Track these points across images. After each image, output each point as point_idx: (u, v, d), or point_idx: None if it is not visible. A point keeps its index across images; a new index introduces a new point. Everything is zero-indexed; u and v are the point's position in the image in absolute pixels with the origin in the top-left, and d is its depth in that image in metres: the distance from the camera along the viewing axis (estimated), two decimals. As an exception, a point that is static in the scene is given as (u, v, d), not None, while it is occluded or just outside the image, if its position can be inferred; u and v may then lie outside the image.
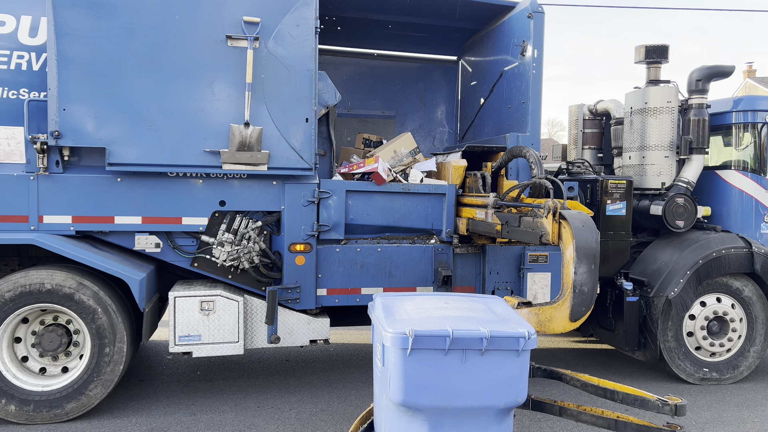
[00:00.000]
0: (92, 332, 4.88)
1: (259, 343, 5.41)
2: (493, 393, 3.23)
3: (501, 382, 3.23)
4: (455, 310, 3.60)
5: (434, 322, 3.31)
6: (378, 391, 3.58)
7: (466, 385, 3.20)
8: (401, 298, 3.90)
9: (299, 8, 5.10)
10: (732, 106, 6.53)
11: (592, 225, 4.15)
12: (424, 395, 3.17)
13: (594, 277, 4.06)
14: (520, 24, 6.15)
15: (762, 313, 6.21)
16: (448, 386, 3.18)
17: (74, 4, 4.72)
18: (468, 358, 3.17)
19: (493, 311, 3.64)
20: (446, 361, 3.16)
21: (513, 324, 3.37)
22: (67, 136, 4.78)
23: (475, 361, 3.18)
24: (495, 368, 3.21)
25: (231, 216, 5.31)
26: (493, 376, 3.21)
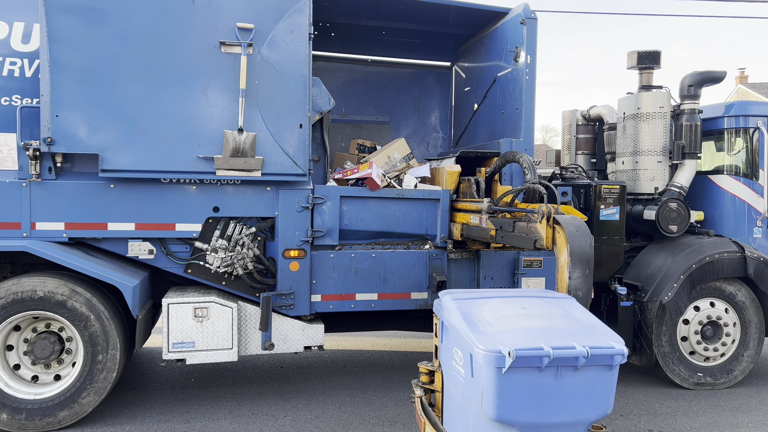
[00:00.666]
0: (85, 339, 4.85)
1: (253, 350, 5.39)
2: (584, 407, 3.23)
3: (593, 396, 3.22)
4: (537, 318, 3.50)
5: (525, 336, 3.23)
6: (462, 398, 3.53)
7: (560, 401, 3.18)
8: (476, 303, 3.70)
9: (293, 14, 5.10)
10: (724, 112, 6.57)
11: (586, 230, 4.18)
12: (518, 412, 3.16)
13: (588, 281, 4.07)
14: (513, 30, 6.18)
15: (755, 317, 6.23)
16: (541, 403, 3.16)
17: (67, 11, 4.71)
18: (562, 374, 3.16)
19: (574, 317, 3.56)
20: (541, 378, 3.13)
21: (601, 335, 3.33)
22: (60, 142, 4.76)
23: (569, 377, 3.17)
24: (588, 383, 3.20)
25: (225, 222, 5.30)
26: (585, 391, 3.20)
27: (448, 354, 3.73)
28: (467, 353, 3.32)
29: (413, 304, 5.73)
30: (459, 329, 3.42)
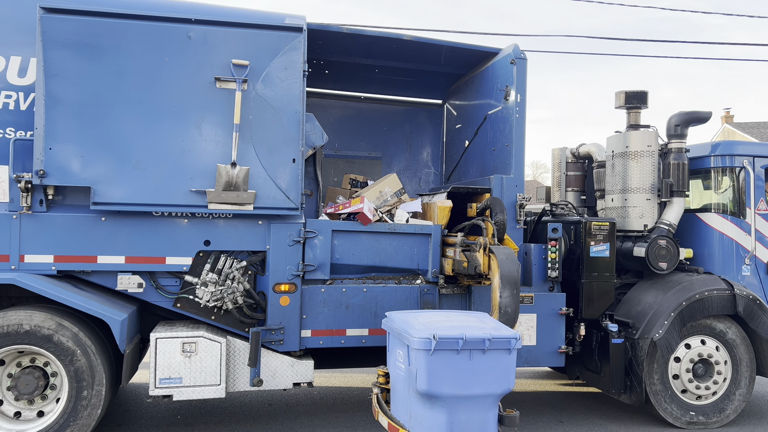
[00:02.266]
0: (70, 375, 4.76)
1: (242, 386, 5.31)
2: (492, 383, 4.13)
3: (498, 374, 4.14)
4: (458, 321, 4.47)
5: (446, 329, 4.17)
6: (402, 388, 4.41)
7: (473, 377, 4.09)
8: (414, 314, 4.76)
9: (287, 52, 5.20)
10: (710, 151, 6.69)
11: (514, 258, 5.14)
12: (442, 386, 4.05)
13: (516, 300, 4.98)
14: (503, 69, 6.31)
15: (746, 355, 6.22)
16: (460, 378, 4.06)
17: (64, 46, 4.78)
18: (474, 355, 4.10)
19: (485, 322, 4.50)
20: (458, 359, 4.07)
21: (503, 330, 4.28)
22: (52, 175, 4.77)
23: (479, 358, 4.11)
24: (494, 363, 4.13)
25: (215, 256, 5.28)
26: (492, 370, 4.12)
27: (393, 356, 4.62)
28: (405, 347, 4.25)
29: (404, 340, 5.68)
30: (400, 331, 4.37)
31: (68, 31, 4.79)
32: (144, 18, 4.94)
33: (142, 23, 4.93)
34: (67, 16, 4.80)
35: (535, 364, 5.97)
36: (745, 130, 32.82)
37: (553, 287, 5.98)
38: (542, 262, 5.95)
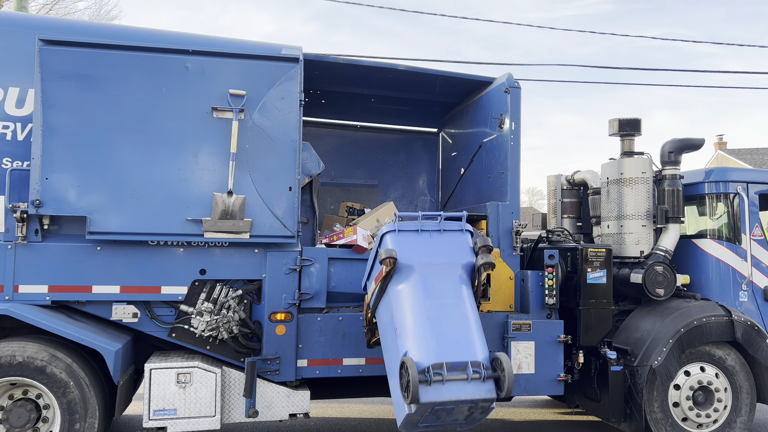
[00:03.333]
0: (63, 407, 4.69)
1: (237, 418, 5.23)
2: (452, 254, 4.87)
3: (456, 249, 4.90)
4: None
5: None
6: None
7: (436, 250, 4.87)
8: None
9: (284, 82, 5.25)
10: (704, 177, 6.73)
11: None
12: (411, 256, 4.74)
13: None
14: (497, 98, 6.38)
15: (746, 382, 6.17)
16: (425, 250, 4.83)
17: (63, 77, 4.82)
18: (433, 235, 4.94)
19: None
20: (420, 237, 4.91)
21: (458, 224, 5.09)
22: (48, 204, 4.77)
23: (438, 237, 4.94)
24: (450, 240, 4.95)
25: (211, 284, 5.25)
26: (450, 245, 4.93)
27: (376, 267, 4.98)
28: (379, 240, 4.96)
29: (401, 369, 5.62)
30: (378, 234, 5.04)
31: (66, 63, 4.84)
32: (142, 49, 5.00)
33: (139, 54, 4.99)
34: (65, 47, 4.86)
35: (534, 393, 5.90)
36: (739, 156, 33.13)
37: (550, 314, 5.95)
38: (539, 289, 5.93)
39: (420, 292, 4.60)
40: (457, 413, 4.33)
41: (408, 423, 4.36)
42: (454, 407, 4.23)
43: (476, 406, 4.27)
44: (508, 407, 8.04)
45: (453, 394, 4.18)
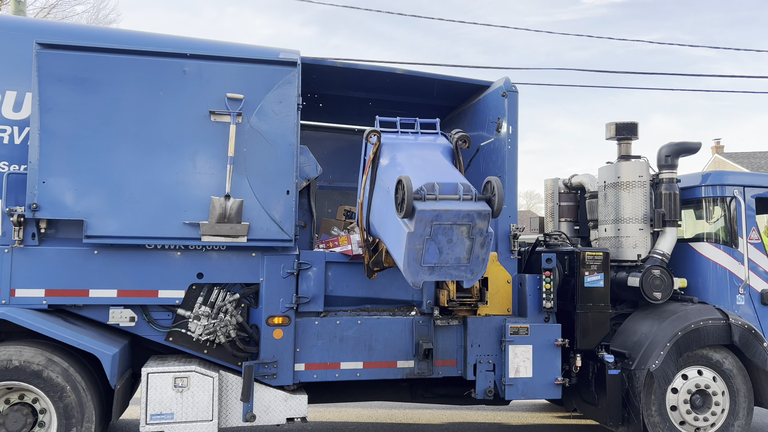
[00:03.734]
0: (59, 411, 4.68)
1: (234, 422, 5.22)
2: (431, 143, 5.29)
3: (434, 140, 5.32)
4: None
5: None
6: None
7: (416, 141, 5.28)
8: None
9: (282, 86, 5.26)
10: (701, 181, 6.74)
11: None
12: (395, 142, 5.17)
13: None
14: (494, 102, 6.39)
15: (743, 386, 6.18)
16: (407, 141, 5.22)
17: (60, 81, 4.82)
18: (413, 135, 5.37)
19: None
20: (401, 136, 5.32)
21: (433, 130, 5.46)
22: (45, 208, 4.76)
23: (417, 136, 5.34)
24: (428, 137, 5.35)
25: (208, 288, 5.25)
26: (429, 138, 5.29)
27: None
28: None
29: (399, 373, 5.63)
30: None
31: (64, 66, 4.84)
32: (139, 53, 5.00)
33: (137, 58, 4.99)
34: (63, 51, 4.85)
35: (531, 397, 5.90)
36: (736, 160, 33.22)
37: (548, 318, 5.95)
38: (537, 293, 5.93)
39: (406, 155, 4.90)
40: (457, 240, 4.23)
41: (411, 260, 4.25)
42: (452, 225, 4.19)
43: (474, 225, 4.23)
44: (506, 411, 8.04)
45: (447, 205, 4.20)
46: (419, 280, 4.33)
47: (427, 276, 4.34)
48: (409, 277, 4.33)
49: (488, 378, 5.82)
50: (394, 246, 4.55)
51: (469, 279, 4.46)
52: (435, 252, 4.26)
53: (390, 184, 4.57)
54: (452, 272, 4.36)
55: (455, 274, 4.38)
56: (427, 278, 4.37)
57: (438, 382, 6.19)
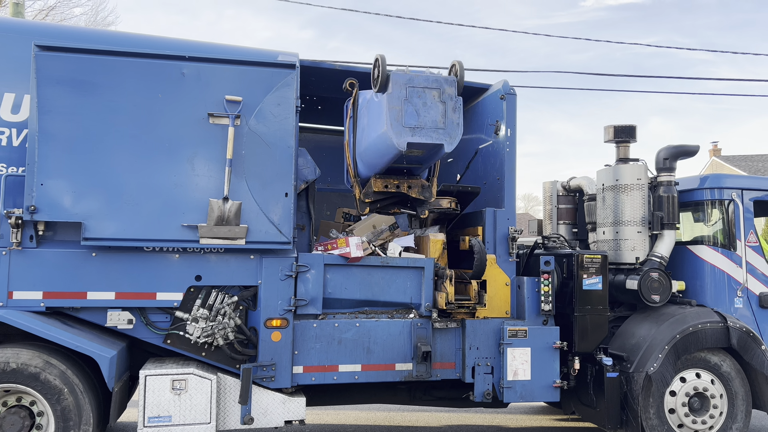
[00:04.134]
0: (57, 414, 4.67)
1: (232, 424, 5.21)
2: None
3: None
4: None
5: None
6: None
7: None
8: None
9: (280, 88, 5.26)
10: (699, 184, 6.75)
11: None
12: None
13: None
14: (493, 105, 6.39)
15: (742, 389, 6.18)
16: None
17: (59, 83, 4.82)
18: None
19: None
20: None
21: None
22: (43, 210, 4.76)
23: None
24: None
25: (207, 291, 5.24)
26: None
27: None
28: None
29: (398, 375, 5.62)
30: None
31: (63, 69, 4.84)
32: (138, 55, 5.00)
33: (136, 60, 4.99)
34: (61, 53, 4.85)
35: (530, 399, 5.90)
36: (733, 163, 33.29)
37: (546, 321, 5.95)
38: (535, 295, 5.94)
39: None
40: (431, 103, 4.86)
41: (393, 120, 4.79)
42: (424, 89, 4.88)
43: (443, 90, 4.91)
44: (504, 414, 8.03)
45: (417, 72, 4.91)
46: (403, 140, 4.78)
47: (410, 136, 4.79)
48: (393, 138, 4.77)
49: (486, 381, 5.82)
50: (377, 126, 5.08)
51: (448, 142, 4.93)
52: (413, 114, 4.83)
53: (366, 119, 5.28)
54: (432, 134, 4.86)
55: (434, 136, 4.87)
56: (409, 138, 4.79)
57: (436, 385, 6.19)
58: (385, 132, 4.88)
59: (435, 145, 4.98)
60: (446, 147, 4.97)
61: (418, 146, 4.95)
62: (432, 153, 5.22)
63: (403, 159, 5.33)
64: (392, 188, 5.59)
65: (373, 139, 5.26)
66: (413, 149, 5.01)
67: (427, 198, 5.72)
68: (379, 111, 5.06)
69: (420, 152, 5.14)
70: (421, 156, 5.30)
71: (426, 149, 5.12)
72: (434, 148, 5.11)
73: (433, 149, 5.11)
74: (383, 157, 5.20)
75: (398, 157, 5.24)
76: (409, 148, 4.95)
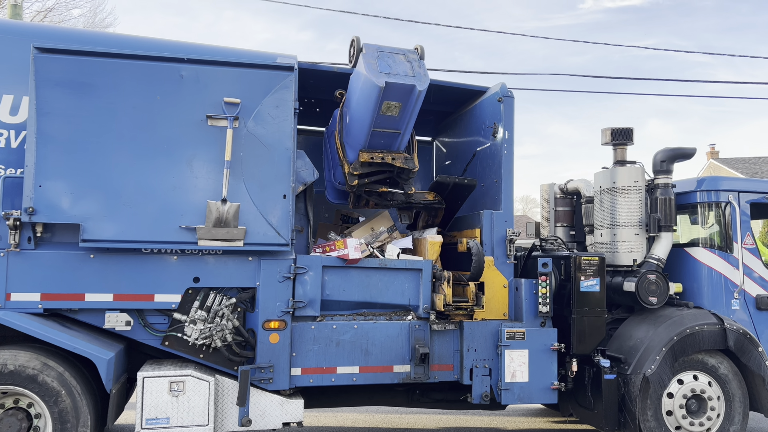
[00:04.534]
0: (54, 416, 4.66)
1: (230, 426, 5.21)
2: None
3: None
4: None
5: None
6: None
7: None
8: None
9: (279, 90, 5.27)
10: (696, 186, 6.77)
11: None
12: None
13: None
14: (491, 107, 6.41)
15: (739, 390, 6.20)
16: None
17: (57, 84, 4.82)
18: None
19: None
20: None
21: None
22: (42, 212, 4.76)
23: None
24: None
25: (205, 293, 5.24)
26: None
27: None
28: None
29: (396, 377, 5.63)
30: None
31: (61, 70, 4.84)
32: (136, 57, 5.01)
33: (134, 62, 5.00)
34: (60, 55, 4.86)
35: (527, 401, 5.90)
36: (731, 165, 33.35)
37: (544, 323, 5.96)
38: (533, 297, 5.95)
39: None
40: (400, 62, 5.41)
41: (371, 70, 5.25)
42: (392, 54, 5.47)
43: (407, 55, 5.53)
44: (501, 416, 8.04)
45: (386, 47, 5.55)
46: (381, 79, 5.19)
47: (386, 77, 5.22)
48: (373, 78, 5.21)
49: (484, 382, 5.82)
50: (356, 87, 5.56)
51: (419, 83, 5.33)
52: (386, 66, 5.34)
53: (349, 108, 5.76)
54: (404, 78, 5.30)
55: (408, 79, 5.31)
56: (387, 79, 5.20)
57: (434, 387, 6.20)
58: (366, 78, 5.29)
59: (408, 86, 5.27)
60: (418, 86, 5.31)
61: (394, 89, 5.24)
62: (407, 104, 5.43)
63: (381, 122, 5.53)
64: (378, 159, 5.73)
65: (355, 101, 5.60)
66: (390, 99, 5.31)
67: (411, 167, 5.87)
68: (357, 81, 5.51)
69: (397, 106, 5.39)
70: (397, 116, 5.50)
71: (401, 95, 5.35)
72: (408, 93, 5.34)
73: (407, 96, 5.36)
74: (366, 113, 5.48)
75: (378, 115, 5.45)
76: (387, 88, 5.22)
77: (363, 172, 5.75)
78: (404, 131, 5.74)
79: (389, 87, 5.24)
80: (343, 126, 5.94)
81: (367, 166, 5.75)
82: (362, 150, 5.70)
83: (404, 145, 5.94)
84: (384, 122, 5.56)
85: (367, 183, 5.86)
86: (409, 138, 6.02)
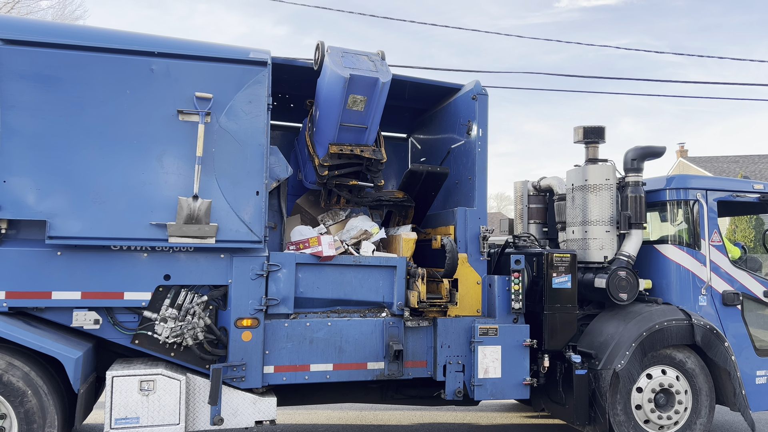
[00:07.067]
0: (20, 417, 4.56)
1: (202, 425, 5.15)
2: None
3: None
4: None
5: None
6: None
7: None
8: None
9: (252, 85, 5.21)
10: (665, 184, 6.89)
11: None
12: None
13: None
14: (465, 105, 6.44)
15: (705, 385, 6.33)
16: None
17: (23, 78, 4.70)
18: None
19: None
20: None
21: None
22: (6, 208, 4.64)
23: None
24: None
25: (176, 290, 5.17)
26: None
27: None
28: None
29: (369, 374, 5.63)
30: None
31: (27, 63, 4.72)
32: (106, 50, 4.90)
33: (103, 56, 4.89)
34: (26, 47, 4.73)
35: (500, 397, 5.95)
36: (699, 164, 34.06)
37: (517, 319, 6.01)
38: (506, 294, 5.99)
39: None
40: (363, 62, 5.61)
41: (336, 66, 5.41)
42: (356, 56, 5.69)
43: (371, 57, 5.77)
44: (475, 411, 8.09)
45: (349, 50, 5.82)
46: (346, 71, 5.38)
47: (351, 70, 5.41)
48: (338, 71, 5.38)
49: (458, 379, 5.86)
50: (323, 85, 5.72)
51: (382, 77, 5.53)
52: (351, 63, 5.53)
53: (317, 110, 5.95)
54: (368, 72, 5.50)
55: (372, 73, 5.51)
56: (351, 72, 5.39)
57: (408, 384, 6.21)
58: (332, 72, 5.45)
59: (372, 79, 5.45)
60: (381, 78, 5.49)
61: (358, 81, 5.40)
62: (371, 98, 5.58)
63: (348, 117, 5.66)
64: (347, 151, 5.84)
65: (323, 98, 5.74)
66: (356, 93, 5.47)
67: (380, 158, 5.97)
68: (324, 79, 5.67)
69: (362, 100, 5.54)
70: (363, 111, 5.63)
71: (365, 88, 5.49)
72: (372, 86, 5.49)
73: (371, 88, 5.50)
74: (333, 108, 5.61)
75: (344, 109, 5.58)
76: (351, 80, 5.35)
77: (333, 164, 5.79)
78: (371, 126, 5.77)
79: (353, 79, 5.35)
80: (313, 124, 6.01)
81: (337, 158, 5.79)
82: (331, 144, 5.72)
83: (372, 140, 5.96)
84: (351, 117, 5.62)
85: (337, 175, 5.86)
86: (376, 134, 6.06)
